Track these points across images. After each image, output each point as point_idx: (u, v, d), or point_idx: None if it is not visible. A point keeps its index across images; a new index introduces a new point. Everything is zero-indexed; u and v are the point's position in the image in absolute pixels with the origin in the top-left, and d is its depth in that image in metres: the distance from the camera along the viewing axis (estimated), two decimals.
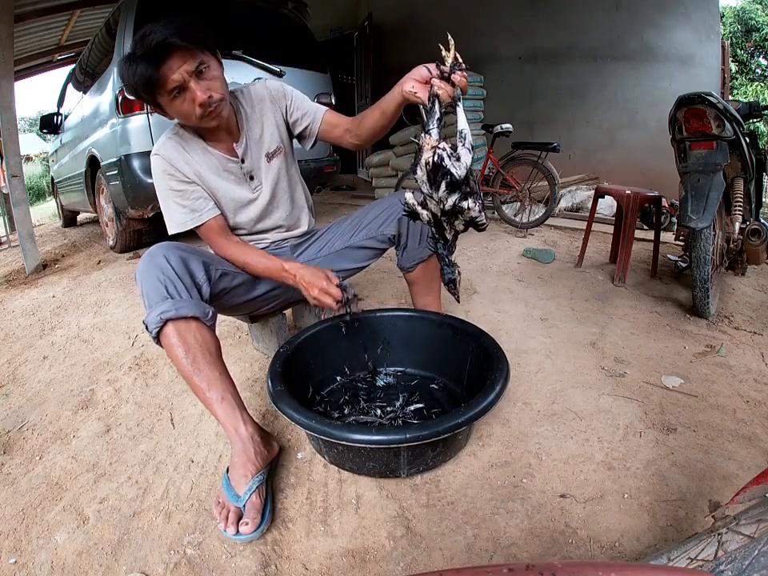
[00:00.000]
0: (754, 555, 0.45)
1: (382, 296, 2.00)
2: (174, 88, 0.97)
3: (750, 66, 10.88)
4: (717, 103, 1.59)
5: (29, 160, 13.94)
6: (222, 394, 0.95)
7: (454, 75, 0.86)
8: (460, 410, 0.89)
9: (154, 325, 0.92)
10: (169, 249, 0.99)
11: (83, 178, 3.30)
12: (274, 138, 1.19)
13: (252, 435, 0.95)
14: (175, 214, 1.12)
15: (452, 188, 0.81)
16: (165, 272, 0.95)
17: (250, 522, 0.83)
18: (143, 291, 0.96)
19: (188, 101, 0.99)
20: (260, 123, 1.18)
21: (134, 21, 2.51)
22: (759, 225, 1.68)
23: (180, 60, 0.95)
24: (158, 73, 0.94)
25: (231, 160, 1.15)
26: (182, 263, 0.98)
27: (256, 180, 1.19)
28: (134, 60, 0.95)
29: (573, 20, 4.42)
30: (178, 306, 0.93)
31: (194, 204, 1.11)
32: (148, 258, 0.98)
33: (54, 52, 6.32)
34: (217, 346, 1.00)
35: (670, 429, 1.11)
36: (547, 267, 2.38)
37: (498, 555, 0.80)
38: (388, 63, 5.77)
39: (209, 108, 1.00)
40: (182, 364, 0.93)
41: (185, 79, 0.96)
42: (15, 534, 0.89)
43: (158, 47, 0.93)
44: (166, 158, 1.10)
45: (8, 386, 1.46)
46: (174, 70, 0.95)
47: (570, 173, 4.26)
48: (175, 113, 1.03)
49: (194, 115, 1.01)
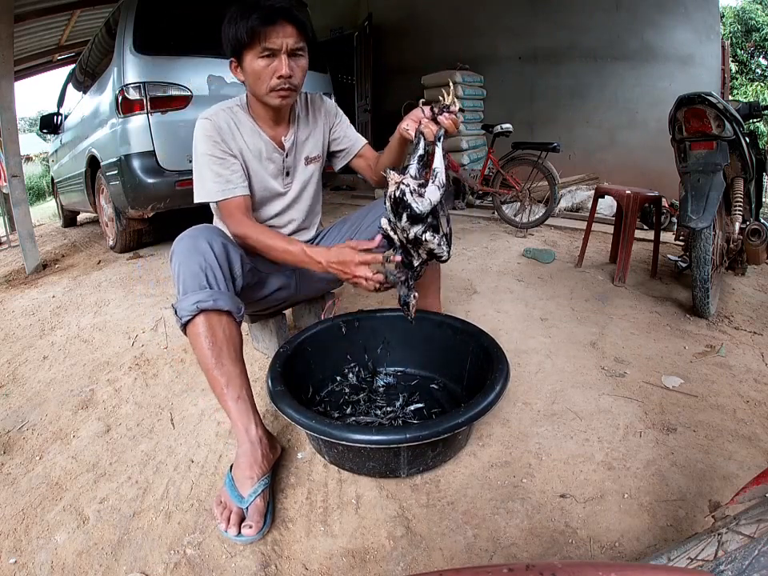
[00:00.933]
0: (754, 555, 0.45)
1: (382, 296, 2.00)
2: (268, 49, 1.00)
3: (750, 66, 10.88)
4: (717, 103, 1.59)
5: (29, 160, 13.93)
6: (239, 392, 0.94)
7: (441, 117, 0.94)
8: (460, 410, 0.89)
9: (187, 313, 0.91)
10: (213, 234, 0.97)
11: (83, 178, 3.30)
12: (317, 146, 1.26)
13: (261, 438, 0.95)
14: (208, 182, 1.10)
15: (413, 220, 0.88)
16: (207, 259, 0.93)
17: (254, 526, 0.83)
18: (179, 273, 0.93)
19: (271, 68, 1.02)
20: (309, 128, 1.24)
21: (134, 21, 2.51)
22: (759, 225, 1.68)
23: (289, 32, 1.00)
24: (265, 29, 0.98)
25: (277, 150, 1.18)
26: (224, 252, 0.97)
27: (290, 177, 1.23)
28: (250, 8, 0.98)
29: (573, 20, 4.42)
30: (216, 298, 0.92)
31: (231, 176, 1.10)
32: (191, 240, 0.95)
33: (54, 52, 6.32)
34: (241, 344, 1.00)
35: (669, 429, 1.11)
36: (547, 267, 2.38)
37: (498, 555, 0.80)
38: (388, 63, 5.78)
39: (283, 86, 1.04)
40: (206, 356, 0.92)
41: (282, 48, 1.00)
42: (15, 534, 0.89)
43: (279, 12, 0.98)
44: (216, 125, 1.10)
45: (8, 386, 1.46)
46: (280, 36, 0.99)
47: (570, 173, 4.26)
48: (252, 72, 1.04)
49: (266, 83, 1.04)
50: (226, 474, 0.93)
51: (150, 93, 2.48)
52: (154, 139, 2.49)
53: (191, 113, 2.55)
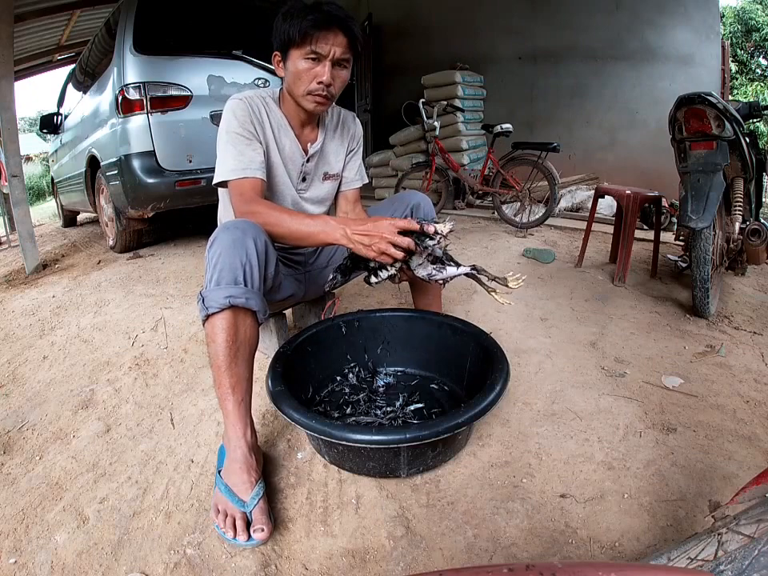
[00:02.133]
0: (754, 555, 0.45)
1: (382, 296, 2.00)
2: (316, 53, 1.01)
3: (749, 66, 10.88)
4: (717, 103, 1.59)
5: (29, 160, 13.93)
6: (243, 396, 0.93)
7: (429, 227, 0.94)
8: (460, 410, 0.89)
9: (217, 305, 0.88)
10: (258, 231, 0.94)
11: (83, 177, 3.30)
12: (338, 164, 1.27)
13: (254, 443, 0.95)
14: (229, 159, 1.06)
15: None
16: (249, 255, 0.90)
17: (266, 528, 0.82)
18: (217, 263, 0.89)
19: (313, 72, 1.03)
20: (336, 144, 1.25)
21: (134, 21, 2.51)
22: (759, 225, 1.68)
23: (339, 40, 1.02)
24: (317, 32, 0.99)
25: (300, 152, 1.18)
26: (264, 251, 0.94)
27: (306, 183, 1.23)
28: (310, 10, 0.99)
29: (573, 20, 4.41)
30: (248, 296, 0.90)
31: (254, 157, 1.07)
32: (239, 233, 0.91)
33: (54, 52, 6.32)
34: (256, 347, 0.98)
35: (669, 429, 1.11)
36: (547, 267, 2.38)
37: (498, 555, 0.80)
38: (388, 63, 5.78)
39: (321, 92, 1.05)
40: (222, 352, 0.89)
41: (328, 55, 1.02)
42: (15, 534, 0.89)
43: (335, 19, 1.00)
44: (249, 106, 1.10)
45: (8, 386, 1.46)
46: (330, 42, 1.01)
47: (570, 173, 4.26)
48: (294, 71, 1.05)
49: (305, 85, 1.05)
50: (215, 481, 0.91)
51: (150, 93, 2.48)
52: (154, 139, 2.49)
53: (191, 113, 2.55)
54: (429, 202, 1.27)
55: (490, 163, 3.55)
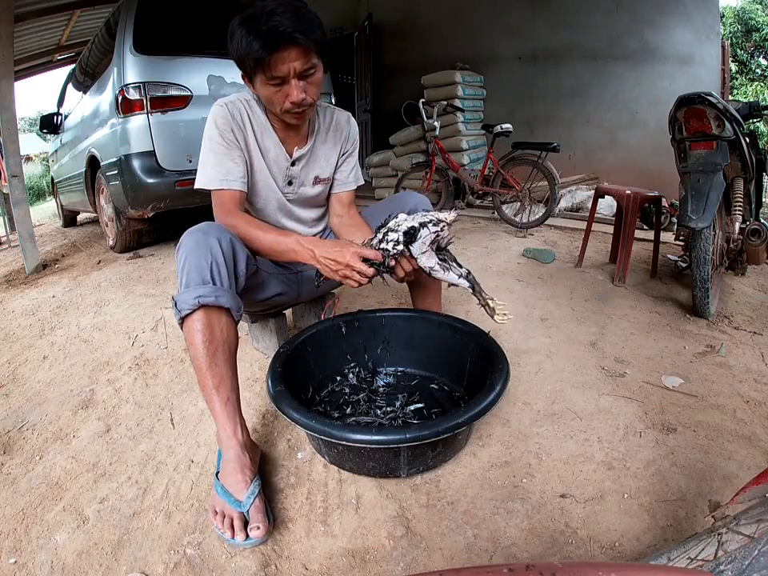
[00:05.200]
0: (754, 555, 0.45)
1: (382, 296, 2.00)
2: (276, 78, 0.97)
3: (749, 66, 10.87)
4: (717, 103, 1.59)
5: (29, 160, 13.92)
6: (228, 395, 0.93)
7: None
8: (460, 410, 0.89)
9: (188, 306, 0.89)
10: (222, 231, 0.96)
11: (83, 177, 3.30)
12: (330, 167, 1.24)
13: (246, 441, 0.95)
14: (209, 168, 1.08)
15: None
16: (214, 254, 0.92)
17: (261, 526, 0.82)
18: (184, 266, 0.92)
19: (282, 93, 1.00)
20: (327, 147, 1.22)
21: (133, 21, 2.51)
22: (759, 225, 1.68)
23: (295, 56, 0.95)
24: (270, 57, 0.93)
25: (285, 156, 1.16)
26: (231, 249, 0.95)
27: (293, 187, 1.21)
28: (251, 32, 0.92)
29: (573, 20, 4.41)
30: (218, 294, 0.90)
31: (232, 168, 1.08)
32: (201, 235, 0.94)
33: (54, 52, 6.32)
34: (236, 346, 0.99)
35: (669, 429, 1.11)
36: (547, 267, 2.38)
37: (498, 555, 0.80)
38: (388, 63, 5.78)
39: (297, 108, 1.02)
40: (201, 354, 0.90)
41: (290, 74, 0.97)
42: (15, 534, 0.89)
43: (281, 36, 0.91)
44: (230, 113, 1.09)
45: (8, 386, 1.46)
46: (286, 62, 0.95)
47: (570, 173, 4.26)
48: (264, 96, 1.03)
49: (280, 106, 1.02)
50: (213, 483, 0.91)
51: (150, 93, 2.48)
52: (154, 139, 2.49)
53: (191, 113, 2.55)
54: (427, 202, 1.26)
55: (489, 163, 3.55)
